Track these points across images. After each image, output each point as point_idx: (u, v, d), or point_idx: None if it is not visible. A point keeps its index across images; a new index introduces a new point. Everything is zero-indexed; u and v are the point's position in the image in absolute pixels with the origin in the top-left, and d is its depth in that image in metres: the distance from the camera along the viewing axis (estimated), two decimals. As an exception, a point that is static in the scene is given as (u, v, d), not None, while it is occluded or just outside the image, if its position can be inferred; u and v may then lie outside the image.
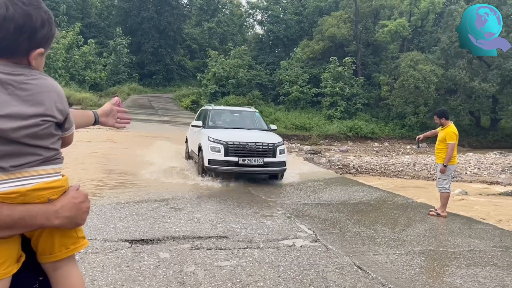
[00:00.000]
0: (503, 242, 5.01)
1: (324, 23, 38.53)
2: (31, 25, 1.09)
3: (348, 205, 6.58)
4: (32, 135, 1.08)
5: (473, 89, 30.31)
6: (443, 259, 4.24)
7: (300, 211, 5.99)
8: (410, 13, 39.93)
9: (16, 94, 1.07)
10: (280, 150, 8.00)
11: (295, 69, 35.63)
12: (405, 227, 5.32)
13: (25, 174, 1.08)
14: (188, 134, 10.67)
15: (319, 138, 28.92)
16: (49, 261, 1.20)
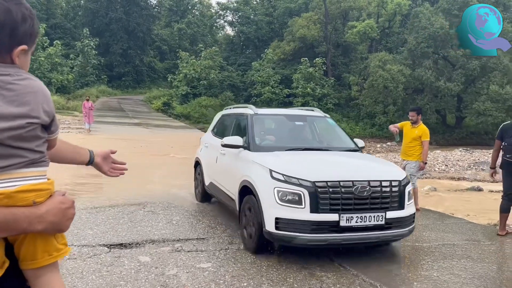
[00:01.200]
0: (475, 235, 5.20)
1: (294, 24, 38.90)
2: (11, 20, 1.04)
3: None
4: (16, 137, 1.04)
5: (439, 88, 31.29)
6: (420, 254, 4.36)
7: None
8: (378, 14, 40.84)
9: (1, 94, 1.03)
10: (408, 193, 4.28)
11: (266, 70, 35.81)
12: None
13: (10, 176, 1.05)
14: (204, 155, 6.46)
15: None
16: (31, 267, 1.15)
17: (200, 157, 6.54)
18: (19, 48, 1.08)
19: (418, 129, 6.42)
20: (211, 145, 6.08)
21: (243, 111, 5.70)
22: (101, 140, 14.52)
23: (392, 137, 31.80)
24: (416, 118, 6.50)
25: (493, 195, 12.29)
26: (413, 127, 6.48)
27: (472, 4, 32.36)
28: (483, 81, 31.82)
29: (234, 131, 5.63)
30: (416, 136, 6.36)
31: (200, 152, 6.65)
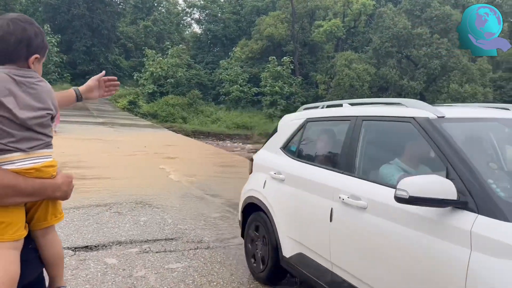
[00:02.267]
0: None
1: (262, 23, 39.02)
2: (27, 36, 1.41)
3: None
4: (39, 124, 1.40)
5: (402, 86, 32.20)
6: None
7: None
8: (344, 14, 41.54)
9: (28, 92, 1.38)
10: None
11: (234, 68, 35.76)
12: None
13: (37, 155, 1.39)
14: (279, 197, 3.51)
15: (260, 137, 29.22)
16: (42, 227, 1.48)
17: (268, 199, 3.53)
18: (34, 57, 1.44)
19: None
20: (300, 180, 3.23)
21: (395, 112, 2.72)
22: (71, 141, 14.09)
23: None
24: None
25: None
26: None
27: (432, 5, 33.53)
28: (443, 80, 33.00)
29: (360, 154, 2.82)
30: None
31: (265, 189, 3.62)
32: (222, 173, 9.76)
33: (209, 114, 32.64)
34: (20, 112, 1.31)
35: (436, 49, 31.81)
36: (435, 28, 33.35)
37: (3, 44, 1.38)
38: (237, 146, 25.31)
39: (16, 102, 1.32)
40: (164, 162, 11.00)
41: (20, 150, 1.33)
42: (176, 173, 9.24)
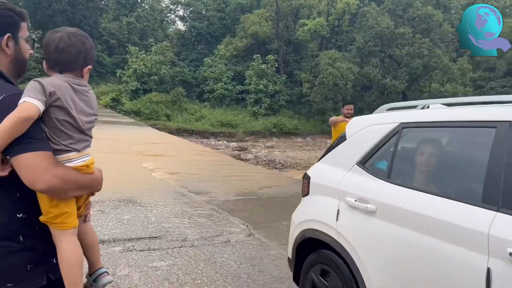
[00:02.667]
0: None
1: (246, 20, 38.96)
2: (85, 49, 1.60)
3: (278, 198, 6.75)
4: (90, 127, 1.60)
5: (385, 85, 32.57)
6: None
7: (233, 206, 6.02)
8: (328, 13, 41.76)
9: (82, 99, 1.55)
10: None
11: (219, 66, 35.64)
12: None
13: (85, 153, 1.57)
14: (374, 241, 2.32)
15: (245, 135, 29.27)
16: (79, 215, 1.64)
17: (347, 239, 2.48)
18: (88, 67, 1.62)
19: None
20: (411, 217, 2.14)
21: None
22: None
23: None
24: (353, 113, 5.95)
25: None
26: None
27: (415, 5, 33.99)
28: (425, 79, 33.51)
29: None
30: None
31: (339, 223, 2.58)
32: (206, 171, 9.73)
33: (193, 112, 32.47)
34: (78, 117, 1.50)
35: (418, 49, 32.26)
36: (417, 28, 33.81)
37: (65, 55, 1.55)
38: (222, 144, 25.25)
39: (76, 109, 1.50)
40: (147, 160, 10.90)
41: (76, 150, 1.52)
42: (160, 171, 9.17)
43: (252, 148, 23.83)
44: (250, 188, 7.55)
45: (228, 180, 8.43)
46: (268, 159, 18.38)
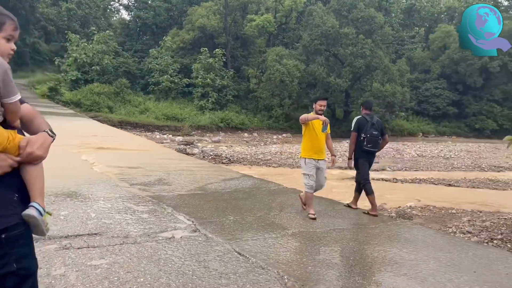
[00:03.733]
0: (361, 220, 5.65)
1: (194, 13, 38.39)
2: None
3: (224, 193, 6.69)
4: None
5: (329, 83, 33.47)
6: (314, 239, 4.59)
7: (177, 202, 5.89)
8: (276, 9, 42.14)
9: None
10: None
11: (165, 58, 34.84)
12: (279, 212, 5.63)
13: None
14: None
15: (191, 129, 28.89)
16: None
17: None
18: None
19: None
20: None
21: None
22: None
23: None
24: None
25: (374, 183, 13.56)
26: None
27: (358, 6, 35.14)
28: (367, 78, 34.80)
29: None
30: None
31: None
32: (150, 165, 9.46)
33: (137, 104, 31.52)
34: None
35: (361, 49, 33.43)
36: (361, 29, 35.03)
37: None
38: (167, 138, 24.75)
39: None
40: (87, 153, 10.42)
41: None
42: (101, 164, 8.79)
43: (198, 143, 23.57)
44: (195, 183, 7.44)
45: (173, 174, 8.24)
46: (215, 154, 18.26)
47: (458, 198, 12.05)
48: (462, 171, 18.30)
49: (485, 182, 15.22)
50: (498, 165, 20.71)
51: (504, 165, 20.73)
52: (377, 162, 19.40)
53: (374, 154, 6.32)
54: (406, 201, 10.85)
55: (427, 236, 4.95)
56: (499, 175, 17.52)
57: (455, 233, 8.49)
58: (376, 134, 6.04)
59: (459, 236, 8.26)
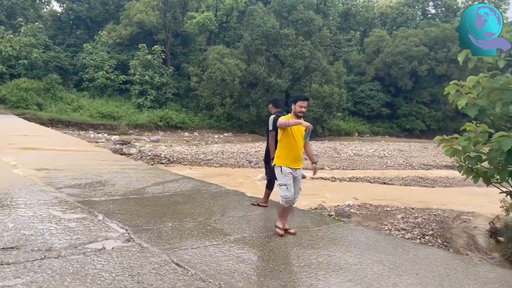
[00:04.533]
0: (304, 222, 5.54)
1: (131, 7, 37.05)
2: None
3: (162, 197, 6.30)
4: None
5: (270, 83, 33.73)
6: (257, 245, 4.38)
7: (110, 208, 5.43)
8: (216, 8, 41.76)
9: None
10: None
11: (100, 53, 33.26)
12: (220, 216, 5.36)
13: None
14: None
15: (128, 128, 27.80)
16: None
17: None
18: None
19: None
20: None
21: None
22: None
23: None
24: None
25: (314, 182, 13.74)
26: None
27: (298, 8, 35.74)
28: (306, 79, 35.50)
29: None
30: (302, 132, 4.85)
31: None
32: (80, 167, 8.79)
33: (70, 102, 29.77)
34: None
35: (300, 50, 34.02)
36: (300, 30, 35.65)
37: None
38: (102, 137, 23.57)
39: None
40: (9, 154, 9.50)
41: None
42: (24, 167, 8.01)
43: (136, 142, 22.66)
44: (131, 186, 6.97)
45: (106, 177, 7.69)
46: (153, 154, 17.61)
47: (392, 196, 12.52)
48: (395, 169, 19.14)
49: (416, 180, 16.00)
50: (427, 163, 21.94)
51: (432, 163, 22.00)
52: (316, 161, 19.84)
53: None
54: (345, 200, 11.08)
55: (369, 238, 4.93)
56: (428, 173, 18.54)
57: (390, 230, 8.74)
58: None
59: (394, 233, 8.51)
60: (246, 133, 34.19)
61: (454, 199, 12.30)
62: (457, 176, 17.81)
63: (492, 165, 5.75)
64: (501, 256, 7.61)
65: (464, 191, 14.28)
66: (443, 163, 22.38)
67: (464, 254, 7.37)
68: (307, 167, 13.90)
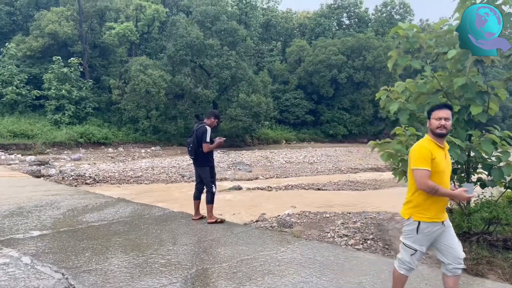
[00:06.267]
0: (265, 244, 5.06)
1: (42, 18, 34.48)
2: None
3: (100, 227, 5.55)
4: None
5: (197, 94, 33.15)
6: (223, 277, 3.89)
7: (38, 246, 4.62)
8: (137, 18, 40.34)
9: None
10: None
11: (8, 67, 30.45)
12: (172, 245, 4.75)
13: None
14: None
15: (45, 147, 25.60)
16: None
17: None
18: None
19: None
20: None
21: None
22: None
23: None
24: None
25: (250, 192, 13.51)
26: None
27: (221, 18, 35.66)
28: (233, 89, 35.45)
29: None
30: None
31: None
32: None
33: (-26, 121, 26.79)
34: None
35: (226, 60, 33.91)
36: (225, 41, 35.59)
37: None
38: (15, 158, 21.38)
39: None
40: None
41: None
42: None
43: (55, 162, 20.83)
44: (60, 217, 6.12)
45: (28, 207, 6.73)
46: (76, 174, 16.22)
47: (328, 201, 12.65)
48: (325, 174, 19.55)
49: (347, 184, 16.43)
50: (354, 167, 22.77)
51: (359, 167, 22.88)
52: (250, 171, 19.68)
53: (194, 163, 6.36)
54: (284, 209, 10.93)
55: (338, 256, 4.67)
56: (357, 176, 19.18)
57: (333, 237, 8.73)
58: (189, 141, 6.14)
59: (337, 240, 8.50)
60: (174, 145, 33.17)
61: (385, 200, 12.71)
62: (384, 178, 18.68)
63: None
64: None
65: (392, 192, 14.85)
66: (368, 165, 23.37)
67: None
68: (241, 178, 13.50)
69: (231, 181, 16.02)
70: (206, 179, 6.07)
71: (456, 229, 7.59)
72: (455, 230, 7.02)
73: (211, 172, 6.16)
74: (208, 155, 6.05)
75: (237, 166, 20.39)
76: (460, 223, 7.28)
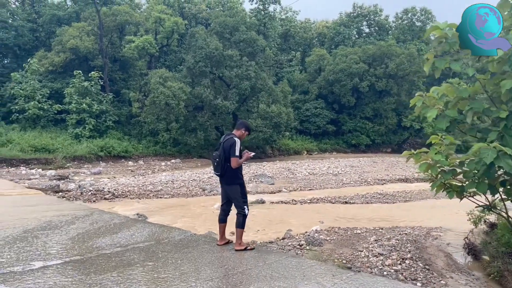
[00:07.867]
0: (308, 279, 4.44)
1: (64, 33, 34.90)
2: None
3: (112, 256, 4.92)
4: None
5: (217, 106, 32.79)
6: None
7: (36, 285, 4.04)
8: (156, 31, 40.52)
9: None
10: None
11: (31, 82, 30.77)
12: (195, 280, 4.09)
13: None
14: None
15: (65, 161, 25.55)
16: None
17: None
18: None
19: None
20: None
21: None
22: None
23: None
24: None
25: (274, 206, 12.85)
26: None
27: (240, 29, 35.38)
28: (253, 100, 34.98)
29: None
30: None
31: None
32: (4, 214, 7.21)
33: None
34: None
35: (245, 71, 33.53)
36: (244, 51, 35.27)
37: None
38: (36, 173, 21.30)
39: None
40: None
41: None
42: None
43: (74, 176, 20.65)
44: (69, 241, 5.57)
45: (35, 231, 6.21)
46: (95, 189, 15.88)
47: (357, 215, 11.89)
48: (351, 186, 18.76)
49: (376, 196, 15.61)
50: (381, 178, 21.88)
51: (386, 177, 21.98)
52: (273, 183, 19.03)
53: (221, 180, 5.49)
54: (311, 225, 10.26)
55: (378, 284, 3.99)
56: (384, 187, 18.33)
57: (368, 256, 7.97)
58: (215, 154, 5.32)
59: (373, 259, 7.73)
60: (194, 158, 32.80)
61: (418, 214, 11.97)
62: (414, 189, 17.77)
63: (468, 179, 5.45)
64: (485, 276, 7.15)
65: (424, 204, 14.05)
66: (396, 176, 22.46)
67: (448, 277, 6.77)
68: (264, 191, 12.81)
69: (253, 194, 15.42)
70: (237, 200, 5.28)
71: (505, 246, 6.83)
72: (505, 248, 6.15)
73: (242, 190, 5.34)
74: (237, 171, 5.28)
75: (259, 178, 19.78)
76: (510, 240, 6.46)
